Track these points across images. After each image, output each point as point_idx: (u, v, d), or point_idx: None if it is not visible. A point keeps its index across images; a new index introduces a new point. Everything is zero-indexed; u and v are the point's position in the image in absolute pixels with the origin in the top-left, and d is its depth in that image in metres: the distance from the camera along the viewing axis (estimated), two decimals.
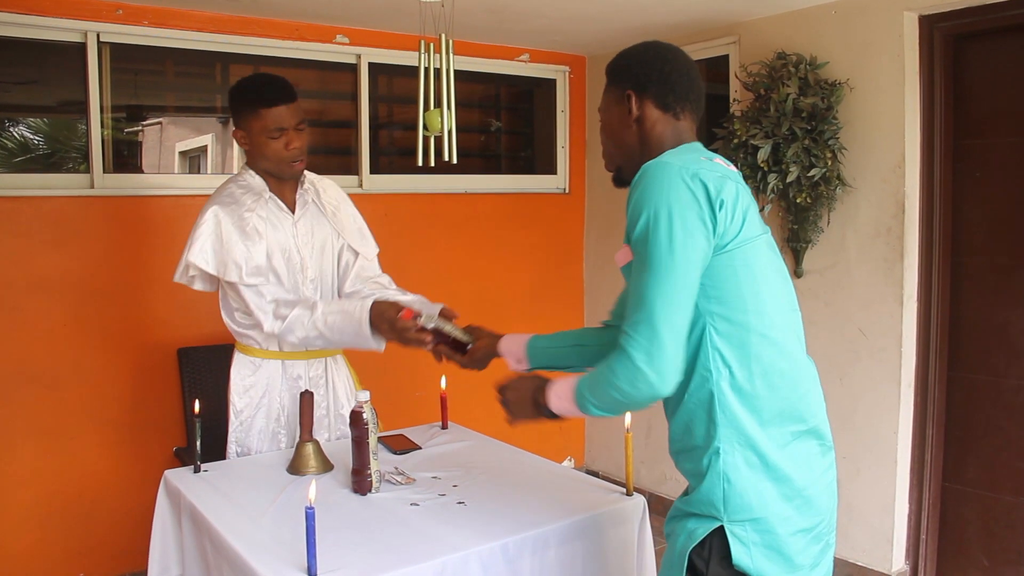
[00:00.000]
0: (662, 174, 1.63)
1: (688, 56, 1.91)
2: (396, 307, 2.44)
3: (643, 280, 1.61)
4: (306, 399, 2.49)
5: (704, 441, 1.71)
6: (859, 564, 3.66)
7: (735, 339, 1.66)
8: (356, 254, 2.83)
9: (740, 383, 1.66)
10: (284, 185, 2.70)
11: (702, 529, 1.69)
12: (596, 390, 1.71)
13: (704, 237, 1.61)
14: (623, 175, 1.90)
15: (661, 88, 1.83)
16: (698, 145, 1.84)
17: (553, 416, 1.86)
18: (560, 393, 1.81)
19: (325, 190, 2.83)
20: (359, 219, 2.88)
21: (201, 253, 2.55)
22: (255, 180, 2.66)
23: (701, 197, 1.61)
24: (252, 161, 2.67)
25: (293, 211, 2.70)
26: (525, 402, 1.91)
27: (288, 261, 2.66)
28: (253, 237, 2.57)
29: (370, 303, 2.50)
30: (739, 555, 1.65)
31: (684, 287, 1.60)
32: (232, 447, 2.72)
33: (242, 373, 2.70)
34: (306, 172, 2.75)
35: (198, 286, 2.69)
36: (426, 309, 2.47)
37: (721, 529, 1.66)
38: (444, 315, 2.46)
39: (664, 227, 1.59)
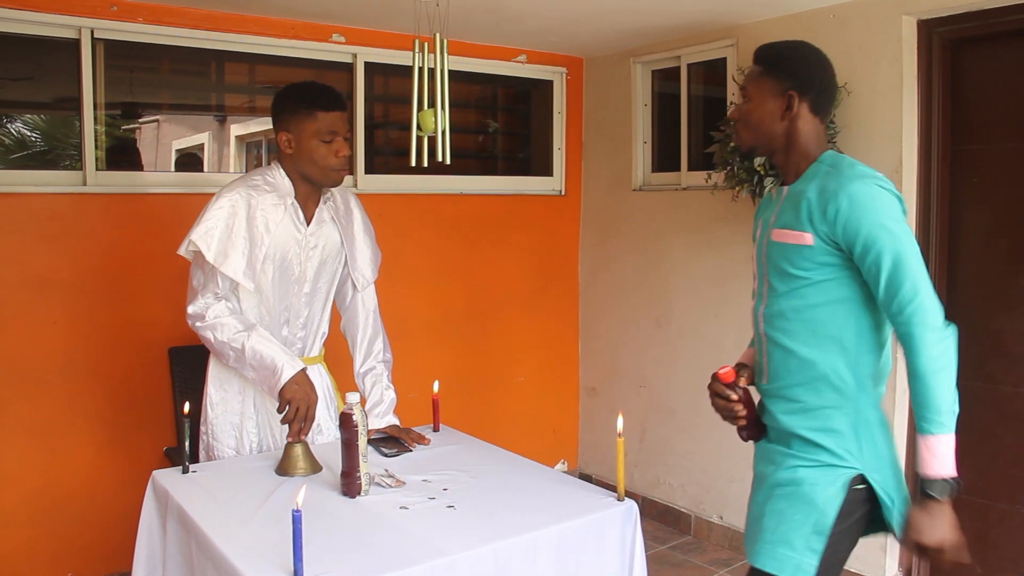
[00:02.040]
0: (879, 195, 1.92)
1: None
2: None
3: (907, 273, 1.87)
4: None
5: (839, 398, 2.01)
6: (852, 570, 3.64)
7: (875, 319, 2.01)
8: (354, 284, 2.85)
9: (869, 352, 2.01)
10: (311, 195, 2.68)
11: (843, 474, 1.98)
12: (950, 389, 1.86)
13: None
14: (754, 154, 2.20)
15: (820, 95, 2.09)
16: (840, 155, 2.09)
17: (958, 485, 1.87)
18: (945, 458, 1.84)
19: (347, 204, 2.81)
20: (368, 241, 2.86)
21: (206, 236, 2.52)
22: (284, 181, 2.64)
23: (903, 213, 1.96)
24: (292, 165, 2.63)
25: (309, 222, 2.68)
26: (945, 522, 1.87)
27: (284, 270, 2.64)
28: (259, 238, 2.55)
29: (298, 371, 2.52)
30: (882, 495, 1.98)
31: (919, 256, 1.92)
32: (205, 439, 2.71)
33: (221, 364, 2.69)
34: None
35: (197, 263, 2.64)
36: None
37: (858, 476, 1.98)
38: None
39: (903, 234, 1.89)
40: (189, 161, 4.11)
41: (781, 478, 2.05)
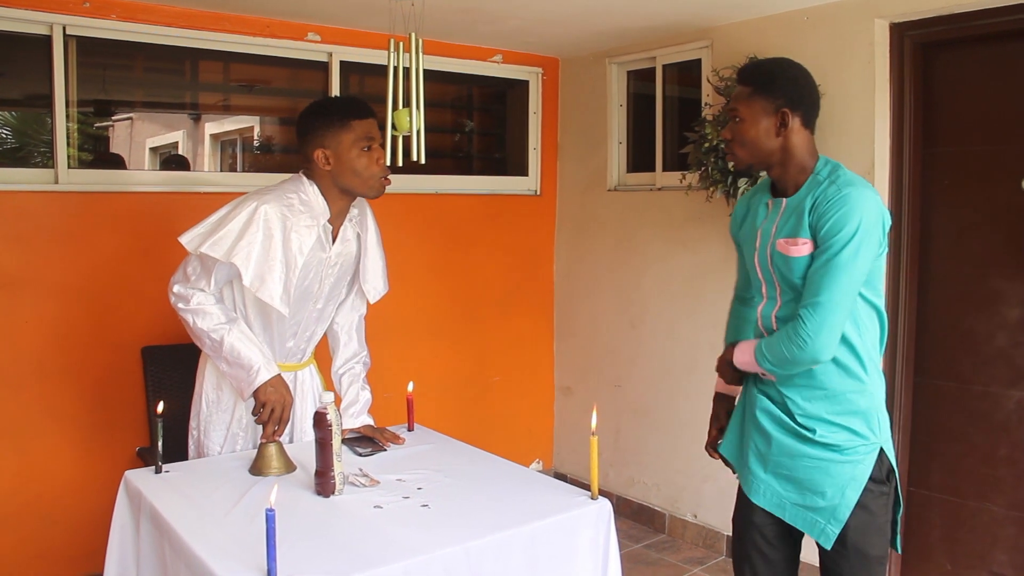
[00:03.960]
0: (869, 202, 2.08)
1: None
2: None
3: (829, 273, 2.07)
4: None
5: (859, 384, 2.18)
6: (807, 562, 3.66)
7: (873, 310, 2.22)
8: (353, 289, 2.84)
9: (872, 338, 2.21)
10: (342, 212, 2.64)
11: (872, 450, 2.18)
12: (772, 348, 2.16)
13: (877, 253, 2.13)
14: (751, 172, 2.33)
15: (810, 109, 2.24)
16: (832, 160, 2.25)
17: (736, 369, 2.33)
18: (743, 349, 2.28)
19: (363, 214, 2.78)
20: (380, 252, 2.85)
21: (246, 260, 2.43)
22: (319, 201, 2.56)
23: (882, 227, 2.11)
24: (330, 181, 2.56)
25: (334, 240, 2.65)
26: (724, 363, 2.37)
27: (305, 291, 2.62)
28: (292, 262, 2.51)
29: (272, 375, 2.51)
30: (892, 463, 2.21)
31: (856, 284, 2.09)
32: (194, 435, 2.70)
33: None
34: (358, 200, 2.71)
35: (199, 258, 2.53)
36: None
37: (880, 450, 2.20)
38: None
39: (858, 242, 2.05)
40: (175, 161, 4.08)
41: (811, 455, 2.21)
